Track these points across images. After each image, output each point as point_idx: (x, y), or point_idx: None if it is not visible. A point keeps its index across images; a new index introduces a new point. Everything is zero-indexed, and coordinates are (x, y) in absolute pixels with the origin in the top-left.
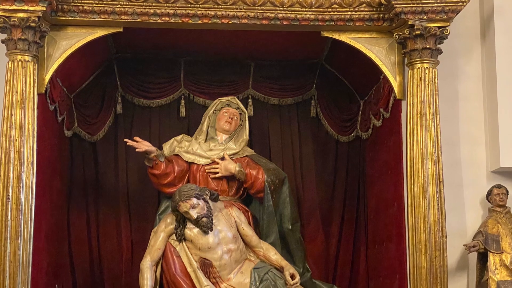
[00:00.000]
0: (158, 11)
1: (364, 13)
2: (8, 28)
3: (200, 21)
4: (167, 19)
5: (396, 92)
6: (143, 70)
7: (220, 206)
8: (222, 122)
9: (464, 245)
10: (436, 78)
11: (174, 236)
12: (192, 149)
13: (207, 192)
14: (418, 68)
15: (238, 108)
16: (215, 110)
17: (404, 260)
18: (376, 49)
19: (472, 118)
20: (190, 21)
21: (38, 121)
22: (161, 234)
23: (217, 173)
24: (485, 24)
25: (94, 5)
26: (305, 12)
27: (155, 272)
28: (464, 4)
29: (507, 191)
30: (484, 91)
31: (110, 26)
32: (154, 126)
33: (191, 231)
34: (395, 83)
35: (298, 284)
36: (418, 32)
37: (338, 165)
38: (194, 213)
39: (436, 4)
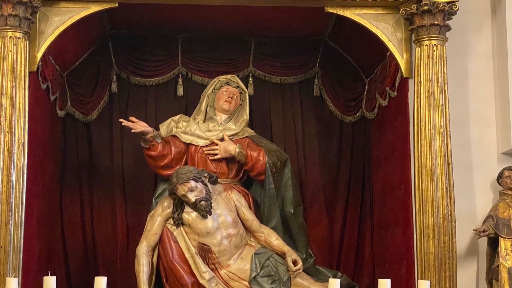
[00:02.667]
0: None
1: None
2: None
3: None
4: None
5: (403, 70)
6: (139, 47)
7: (219, 189)
8: (221, 102)
9: (473, 230)
10: (445, 56)
11: (171, 221)
12: (190, 129)
13: (205, 175)
14: (426, 45)
15: (238, 87)
16: (214, 89)
17: (411, 246)
18: (382, 26)
19: (482, 97)
20: None
21: (30, 100)
22: (157, 218)
23: (216, 154)
24: None
25: None
26: None
27: (152, 258)
28: None
29: None
30: (494, 69)
31: (105, 1)
32: (151, 106)
33: (189, 215)
34: (401, 60)
35: (301, 270)
36: (426, 7)
37: (343, 146)
38: (192, 197)
39: None
